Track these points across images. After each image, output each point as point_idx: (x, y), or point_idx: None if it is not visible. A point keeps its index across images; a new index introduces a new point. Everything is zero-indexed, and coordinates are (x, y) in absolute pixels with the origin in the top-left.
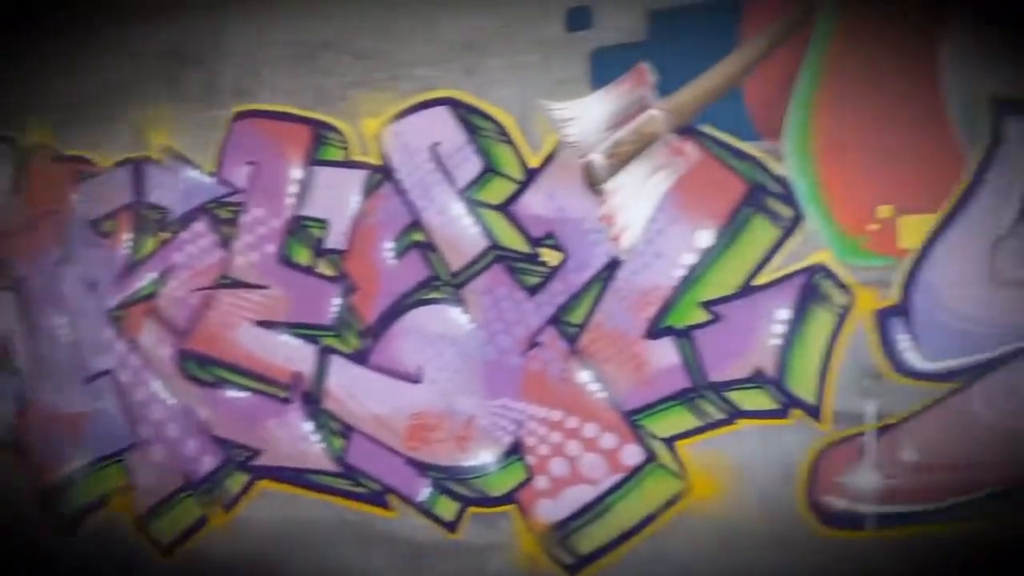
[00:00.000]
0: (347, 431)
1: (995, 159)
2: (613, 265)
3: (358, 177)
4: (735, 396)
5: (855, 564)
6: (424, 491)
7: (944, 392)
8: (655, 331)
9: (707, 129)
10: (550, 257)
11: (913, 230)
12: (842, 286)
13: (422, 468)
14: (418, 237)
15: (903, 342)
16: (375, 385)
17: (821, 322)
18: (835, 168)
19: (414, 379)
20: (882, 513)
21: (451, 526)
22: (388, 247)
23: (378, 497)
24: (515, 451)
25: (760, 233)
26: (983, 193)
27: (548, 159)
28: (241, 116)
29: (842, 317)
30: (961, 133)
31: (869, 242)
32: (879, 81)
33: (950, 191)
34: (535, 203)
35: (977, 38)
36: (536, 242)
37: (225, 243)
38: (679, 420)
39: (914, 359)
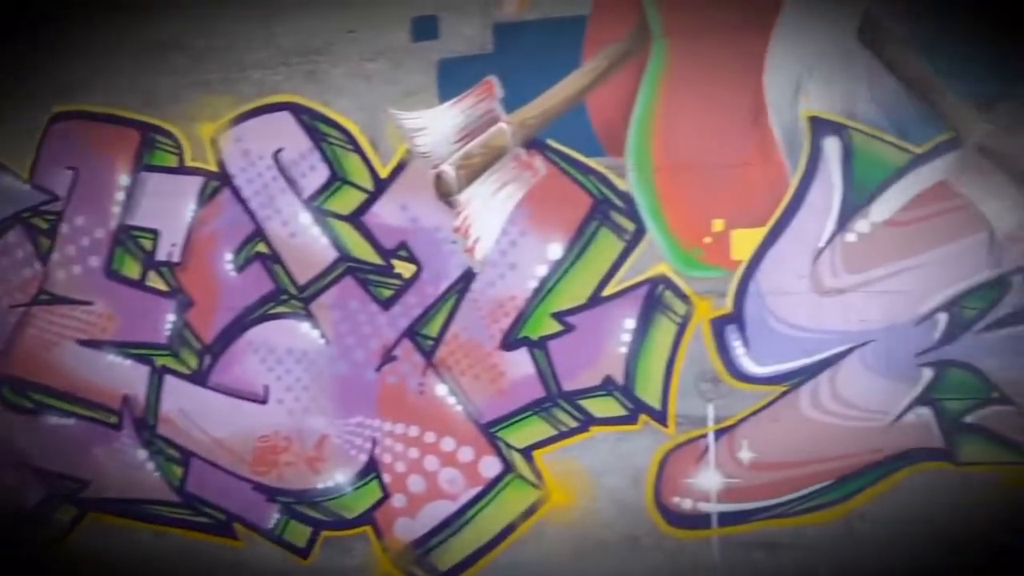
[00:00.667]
0: (186, 457)
1: (814, 176)
2: (468, 276)
3: (193, 184)
4: (588, 404)
5: (702, 562)
6: (273, 517)
7: (775, 394)
8: (510, 342)
9: (555, 144)
10: (403, 269)
11: (743, 243)
12: (682, 296)
13: (271, 493)
14: (261, 248)
15: (737, 348)
16: (217, 407)
17: (664, 330)
18: (672, 185)
19: (260, 399)
20: (724, 512)
21: (303, 552)
22: (228, 259)
23: (223, 526)
24: (371, 470)
25: (606, 246)
26: (804, 207)
27: (398, 169)
28: (60, 118)
29: (682, 325)
30: (784, 151)
31: (704, 254)
32: (709, 101)
33: (776, 206)
34: (387, 213)
35: (796, 61)
36: (389, 253)
37: (43, 255)
38: (535, 430)
39: (747, 364)
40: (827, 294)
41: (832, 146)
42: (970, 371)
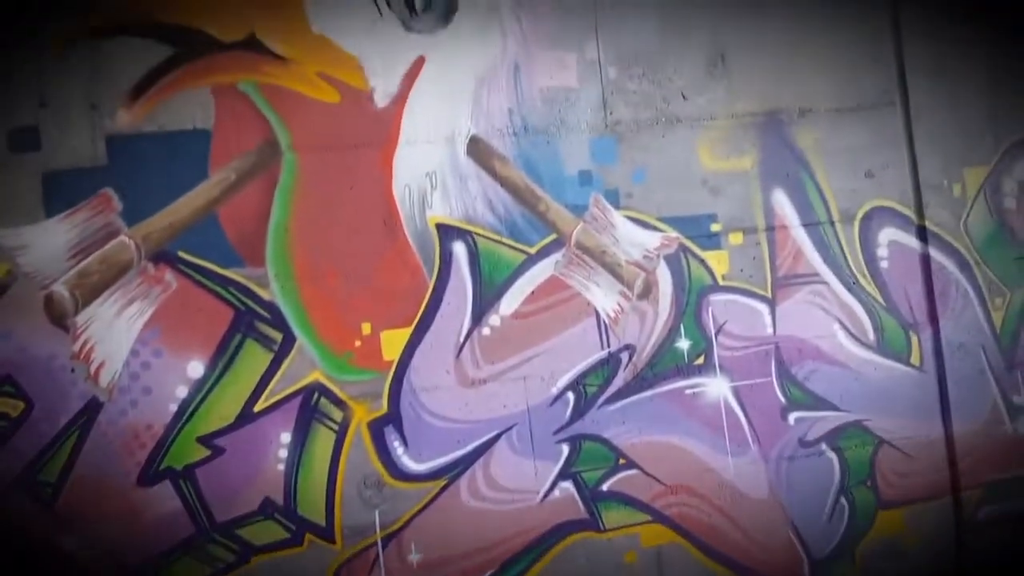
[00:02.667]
0: None
1: (448, 277)
2: (93, 407)
3: None
4: (245, 533)
5: None
6: None
7: (436, 489)
8: (150, 476)
9: (187, 256)
10: (9, 407)
11: (392, 343)
12: (338, 402)
13: None
14: None
15: (397, 448)
16: None
17: (322, 440)
18: (316, 292)
19: None
20: None
21: None
22: None
23: None
24: None
25: (254, 359)
26: (443, 306)
27: None
28: None
29: (341, 433)
30: (419, 255)
31: (356, 358)
32: (343, 211)
33: (418, 306)
34: None
35: (418, 175)
36: None
37: None
38: (186, 572)
39: (408, 462)
40: (472, 385)
41: (460, 249)
42: (599, 442)
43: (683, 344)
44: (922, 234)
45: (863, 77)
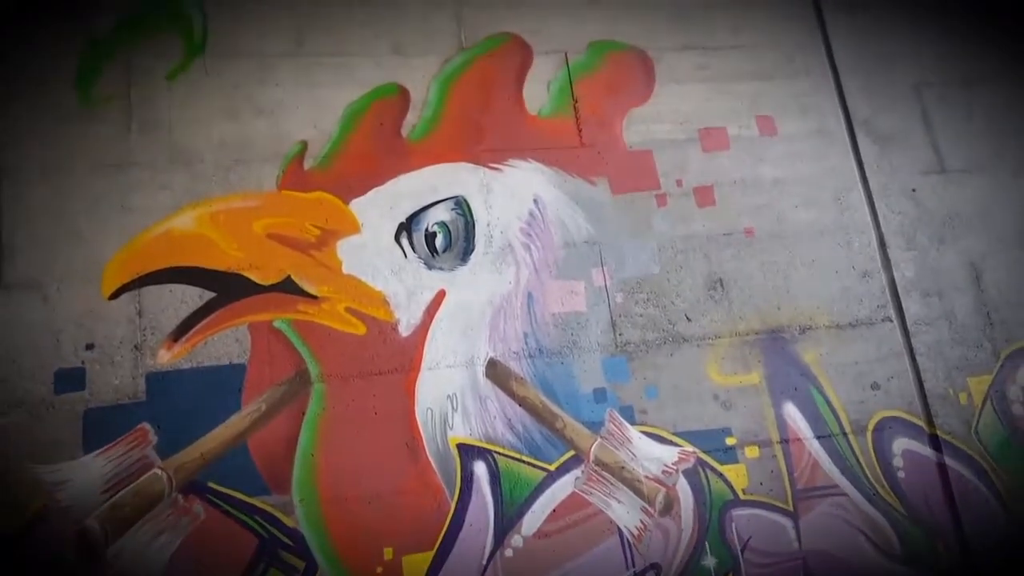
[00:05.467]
0: None
1: (470, 497)
2: None
3: None
4: None
5: None
6: None
7: None
8: None
9: (216, 486)
10: None
11: (414, 569)
12: None
13: None
14: None
15: None
16: None
17: None
18: (340, 517)
19: None
20: None
21: None
22: None
23: None
24: None
25: None
26: (465, 527)
27: (33, 526)
28: None
29: None
30: (441, 476)
31: None
32: (369, 436)
33: (440, 529)
34: None
35: (437, 396)
36: None
37: None
38: None
39: None
40: None
41: (480, 469)
42: None
43: (709, 562)
44: (935, 443)
45: (856, 295)
